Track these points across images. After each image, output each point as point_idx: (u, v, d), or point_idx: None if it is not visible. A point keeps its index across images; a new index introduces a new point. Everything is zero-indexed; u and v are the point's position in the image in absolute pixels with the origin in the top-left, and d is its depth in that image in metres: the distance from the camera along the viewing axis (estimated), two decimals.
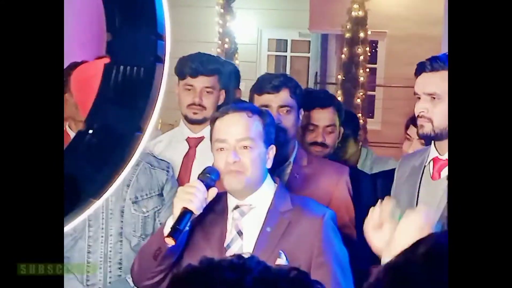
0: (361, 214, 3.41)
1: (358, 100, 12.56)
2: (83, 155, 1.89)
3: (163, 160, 3.51)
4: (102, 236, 3.31)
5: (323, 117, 3.94)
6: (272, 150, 2.94)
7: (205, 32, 13.21)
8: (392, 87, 13.83)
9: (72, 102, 4.46)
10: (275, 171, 3.48)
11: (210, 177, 2.80)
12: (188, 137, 3.87)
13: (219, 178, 2.83)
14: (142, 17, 1.75)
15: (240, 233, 2.88)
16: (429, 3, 12.83)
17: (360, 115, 12.33)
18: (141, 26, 1.74)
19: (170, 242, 2.68)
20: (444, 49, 7.58)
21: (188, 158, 3.84)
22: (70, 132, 4.47)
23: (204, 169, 2.85)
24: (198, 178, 2.81)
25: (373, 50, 14.00)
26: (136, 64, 1.77)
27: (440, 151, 3.14)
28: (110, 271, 3.32)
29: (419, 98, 3.10)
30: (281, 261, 2.80)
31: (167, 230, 2.75)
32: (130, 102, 1.81)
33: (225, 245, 2.86)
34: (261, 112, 2.96)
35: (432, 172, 3.16)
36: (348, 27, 12.76)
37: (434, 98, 3.06)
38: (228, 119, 2.88)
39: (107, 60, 3.27)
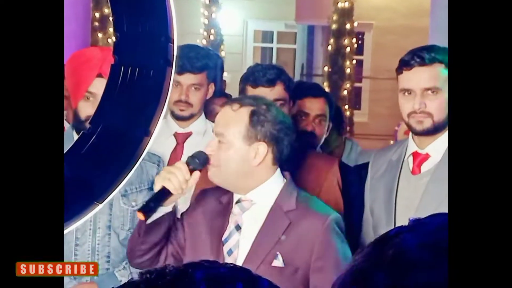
0: (347, 207, 3.41)
1: (345, 92, 12.58)
2: (88, 157, 1.84)
3: (154, 154, 3.45)
4: (90, 229, 3.26)
5: (314, 106, 3.92)
6: (262, 146, 2.80)
7: (191, 23, 13.15)
8: (379, 79, 13.85)
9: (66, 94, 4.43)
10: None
11: (195, 160, 2.77)
12: (176, 133, 3.81)
13: (206, 163, 2.79)
14: (152, 18, 1.70)
15: (238, 227, 2.82)
16: None
17: (347, 107, 12.35)
18: (151, 28, 1.70)
19: (140, 217, 2.68)
20: (431, 40, 7.58)
21: (176, 154, 3.78)
22: (66, 124, 4.42)
23: (194, 153, 2.81)
24: (186, 161, 2.79)
25: (360, 42, 14.00)
26: (144, 66, 1.72)
27: (419, 145, 3.08)
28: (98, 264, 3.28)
29: (411, 93, 3.02)
30: (278, 262, 2.73)
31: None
32: (138, 104, 1.76)
33: (223, 239, 2.82)
34: (252, 105, 2.86)
35: (412, 167, 3.10)
36: (334, 18, 12.77)
37: (432, 92, 2.99)
38: (221, 112, 2.87)
39: (98, 50, 3.25)
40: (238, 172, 2.82)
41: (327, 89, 12.04)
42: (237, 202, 2.85)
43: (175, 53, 1.69)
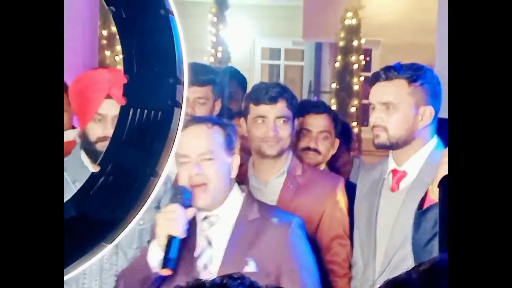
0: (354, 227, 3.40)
1: (353, 109, 12.57)
2: (96, 198, 1.83)
3: None
4: None
5: (317, 122, 3.91)
6: (236, 159, 2.93)
7: (198, 41, 13.18)
8: None
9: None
10: (269, 181, 3.46)
11: (183, 198, 2.81)
12: None
13: (191, 196, 2.83)
14: (161, 60, 1.71)
15: (210, 243, 2.89)
16: (423, 12, 12.85)
17: (355, 123, 12.34)
18: (159, 70, 1.70)
19: (167, 273, 2.69)
20: (438, 57, 7.56)
21: None
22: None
23: (176, 190, 2.86)
24: (170, 201, 2.82)
25: (368, 59, 13.99)
26: (153, 108, 1.72)
27: (397, 162, 3.09)
28: (106, 283, 3.26)
29: (374, 108, 3.08)
30: (250, 268, 2.80)
31: (152, 257, 2.79)
32: (146, 145, 1.76)
33: (195, 254, 2.88)
34: (222, 123, 2.97)
35: (391, 184, 3.11)
36: (341, 35, 12.79)
37: (388, 107, 3.03)
38: (188, 133, 2.85)
39: (106, 72, 3.26)
40: (224, 186, 2.90)
41: (334, 106, 12.04)
42: (204, 219, 2.91)
43: (184, 95, 1.69)
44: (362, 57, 12.80)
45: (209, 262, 2.86)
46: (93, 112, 3.13)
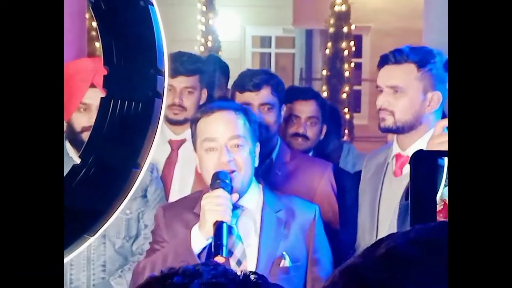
0: (344, 214, 3.41)
1: (344, 95, 12.57)
2: (78, 191, 1.82)
3: None
4: None
5: (305, 109, 3.96)
6: (258, 147, 2.88)
7: (188, 30, 13.16)
8: None
9: None
10: (257, 168, 3.45)
11: (227, 182, 2.69)
12: (170, 140, 3.81)
13: (232, 180, 2.72)
14: (141, 50, 1.69)
15: (239, 237, 2.80)
16: None
17: (346, 110, 12.34)
18: (140, 60, 1.68)
19: (222, 260, 2.53)
20: (424, 41, 7.55)
21: (171, 161, 3.78)
22: None
23: (216, 176, 2.72)
24: (214, 187, 2.69)
25: (358, 45, 13.99)
26: (134, 99, 1.70)
27: (401, 147, 3.07)
28: (93, 274, 3.27)
29: (382, 91, 3.05)
30: (286, 262, 2.77)
31: (196, 244, 2.67)
32: (127, 137, 1.74)
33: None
34: (245, 110, 2.90)
35: (395, 169, 3.09)
36: (331, 22, 12.77)
37: (396, 91, 3.00)
38: (215, 118, 2.79)
39: (89, 61, 3.24)
40: (251, 174, 2.84)
41: (325, 93, 12.05)
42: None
43: (166, 85, 1.68)
44: (352, 43, 12.78)
45: (243, 257, 2.78)
46: (77, 102, 3.12)
